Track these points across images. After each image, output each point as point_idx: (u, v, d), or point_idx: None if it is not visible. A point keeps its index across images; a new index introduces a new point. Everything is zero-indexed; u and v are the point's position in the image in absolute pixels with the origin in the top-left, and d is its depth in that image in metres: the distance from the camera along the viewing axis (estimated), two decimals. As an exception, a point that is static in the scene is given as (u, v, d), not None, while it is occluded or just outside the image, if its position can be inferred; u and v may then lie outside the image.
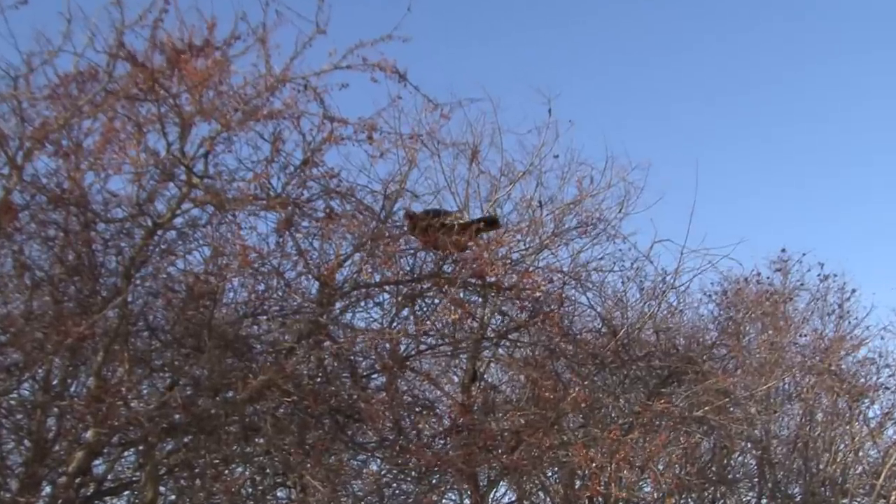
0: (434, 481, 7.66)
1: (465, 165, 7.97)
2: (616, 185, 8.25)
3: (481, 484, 8.05)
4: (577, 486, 8.33)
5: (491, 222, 7.24)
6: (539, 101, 8.06)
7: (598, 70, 20.42)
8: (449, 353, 8.00)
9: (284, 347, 6.54)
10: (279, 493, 7.47)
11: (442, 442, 7.40)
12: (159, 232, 6.27)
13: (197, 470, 6.58)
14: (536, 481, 8.69)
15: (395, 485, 7.72)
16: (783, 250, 10.94)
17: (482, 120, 7.98)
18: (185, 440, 6.57)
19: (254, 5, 5.87)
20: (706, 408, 8.57)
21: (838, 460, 10.73)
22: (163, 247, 6.40)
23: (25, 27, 5.64)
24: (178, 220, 6.36)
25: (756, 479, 10.74)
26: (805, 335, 10.74)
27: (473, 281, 7.06)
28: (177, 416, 6.20)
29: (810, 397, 10.67)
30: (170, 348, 6.51)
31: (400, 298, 7.05)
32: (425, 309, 7.28)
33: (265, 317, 6.72)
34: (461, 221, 6.88)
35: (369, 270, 6.73)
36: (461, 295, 7.20)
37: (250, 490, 7.15)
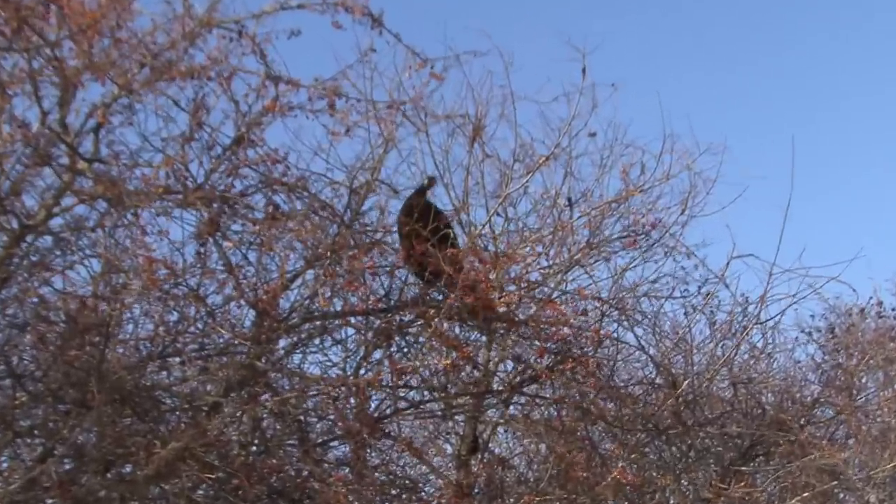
0: None
1: (465, 147, 7.99)
2: (678, 176, 8.26)
3: None
4: None
5: (420, 192, 7.20)
6: (569, 57, 8.05)
7: (650, 16, 20.56)
8: (439, 413, 8.04)
9: (206, 402, 6.57)
10: None
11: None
12: (28, 237, 6.28)
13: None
14: None
15: None
16: (915, 272, 11.12)
17: (488, 83, 7.92)
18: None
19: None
20: (805, 493, 8.59)
21: None
22: (33, 258, 6.42)
23: None
24: (56, 222, 6.39)
25: None
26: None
27: (474, 312, 7.01)
28: (50, 502, 6.17)
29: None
30: (42, 403, 6.50)
31: (371, 335, 7.07)
32: (406, 350, 7.28)
33: (178, 359, 6.73)
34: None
35: (327, 295, 6.74)
36: (456, 331, 7.23)
37: None
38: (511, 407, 8.32)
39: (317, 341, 7.21)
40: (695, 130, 8.73)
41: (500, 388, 7.97)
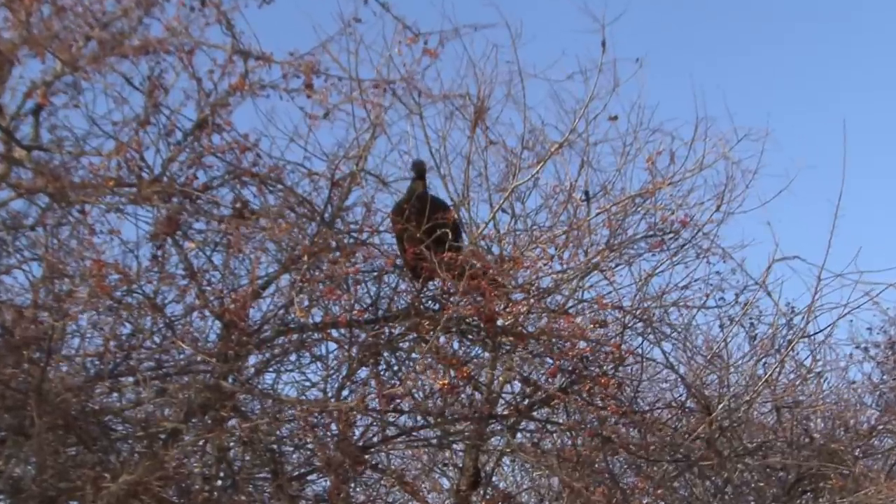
0: None
1: (465, 132, 7.97)
2: (713, 166, 8.26)
3: None
4: None
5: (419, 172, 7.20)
6: (587, 28, 8.03)
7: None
8: (434, 441, 8.01)
9: (163, 429, 6.56)
10: None
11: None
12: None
13: None
14: None
15: None
16: None
17: (493, 59, 7.93)
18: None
19: None
20: (861, 536, 8.59)
21: None
22: (-39, 262, 6.42)
23: None
24: (-11, 219, 6.35)
25: None
26: None
27: (475, 324, 7.06)
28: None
29: None
30: (-27, 430, 6.47)
31: (355, 351, 7.04)
32: (397, 369, 7.27)
33: (132, 379, 6.70)
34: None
35: (305, 304, 6.72)
36: (455, 347, 7.21)
37: None
38: (518, 434, 8.30)
39: (293, 358, 7.20)
40: (732, 113, 8.75)
41: (506, 412, 7.96)
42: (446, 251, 6.80)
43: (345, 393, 7.16)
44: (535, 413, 7.96)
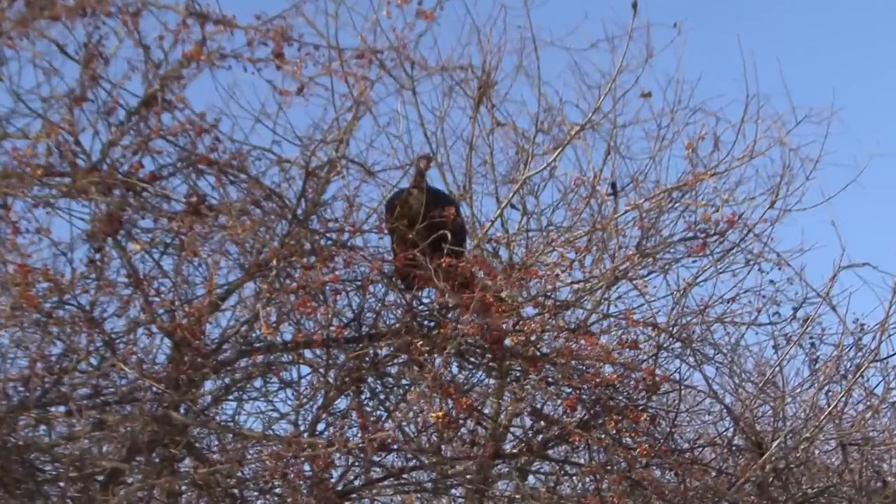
0: None
1: (467, 112, 8.03)
2: (766, 153, 8.26)
3: None
4: None
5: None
6: (614, -12, 8.10)
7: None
8: (429, 485, 8.03)
9: (102, 469, 6.56)
10: None
11: None
12: None
13: None
14: None
15: None
16: None
17: (501, 23, 7.97)
18: None
19: None
20: None
21: None
22: None
23: None
24: None
25: None
26: None
27: (478, 344, 7.07)
28: None
29: None
30: None
31: (334, 375, 7.06)
32: (383, 398, 7.29)
33: (64, 408, 6.69)
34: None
35: (273, 319, 6.71)
36: (454, 372, 7.23)
37: None
38: (530, 477, 8.36)
39: (258, 384, 7.23)
40: (790, 89, 8.63)
41: (515, 450, 8.00)
42: (445, 256, 6.80)
43: (320, 427, 7.21)
44: (550, 452, 8.01)
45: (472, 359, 7.29)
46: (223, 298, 6.74)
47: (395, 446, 7.28)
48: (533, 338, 7.15)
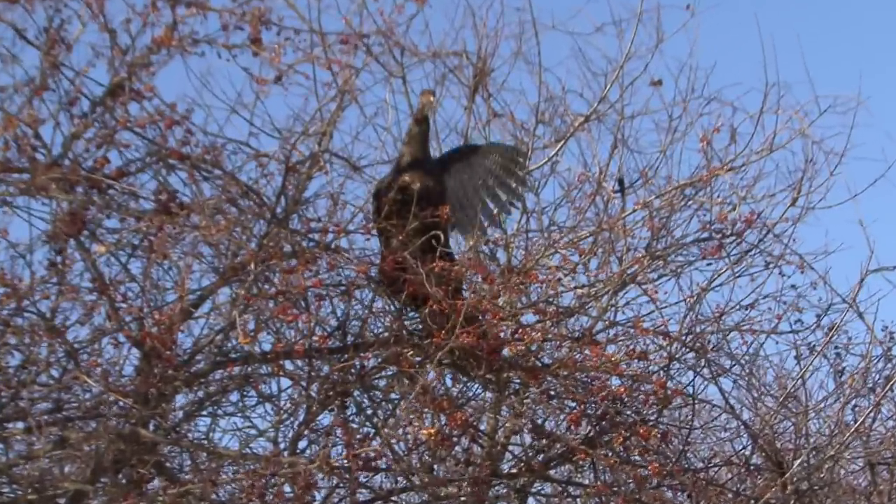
0: None
1: (461, 101, 8.11)
2: (787, 146, 8.33)
3: None
4: None
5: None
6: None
7: None
8: (421, 508, 8.01)
9: (64, 491, 6.55)
10: None
11: None
12: None
13: None
14: None
15: None
16: None
17: (499, 6, 8.11)
18: None
19: None
20: None
21: None
22: None
23: None
24: None
25: None
26: None
27: (472, 357, 7.01)
28: None
29: None
30: None
31: (316, 389, 7.04)
32: (371, 413, 7.29)
33: (22, 425, 6.64)
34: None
35: (250, 328, 6.69)
36: (446, 386, 7.24)
37: None
38: (530, 499, 8.38)
39: (234, 398, 7.23)
40: (814, 77, 8.77)
41: (514, 470, 7.98)
42: (437, 259, 6.80)
43: (302, 444, 7.19)
44: (552, 472, 7.99)
45: (467, 372, 7.23)
46: (196, 305, 6.72)
47: (384, 466, 7.23)
48: (533, 347, 7.16)
